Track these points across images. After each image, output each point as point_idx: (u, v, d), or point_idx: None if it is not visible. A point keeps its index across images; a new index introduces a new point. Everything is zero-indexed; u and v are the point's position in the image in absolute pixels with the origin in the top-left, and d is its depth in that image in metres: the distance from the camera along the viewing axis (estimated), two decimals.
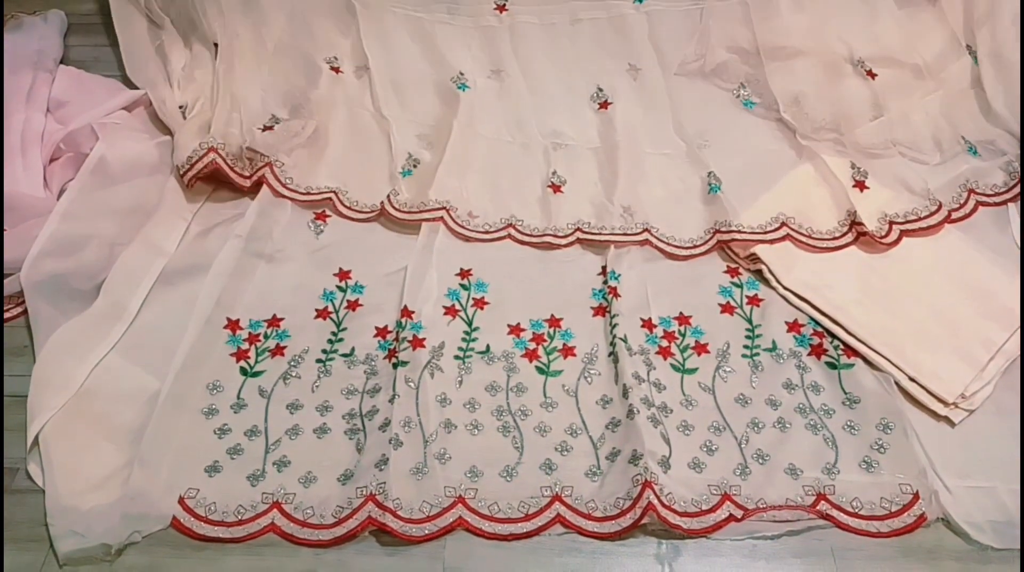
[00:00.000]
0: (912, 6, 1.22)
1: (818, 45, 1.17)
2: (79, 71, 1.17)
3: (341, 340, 0.92)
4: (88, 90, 1.13)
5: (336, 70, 1.15)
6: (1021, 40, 1.14)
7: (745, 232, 0.99)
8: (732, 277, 0.98)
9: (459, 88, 1.17)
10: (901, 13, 1.20)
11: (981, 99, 1.15)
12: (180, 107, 1.12)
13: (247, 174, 1.05)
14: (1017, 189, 1.04)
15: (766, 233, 1.00)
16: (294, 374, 0.88)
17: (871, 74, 1.16)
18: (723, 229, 1.00)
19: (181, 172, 1.02)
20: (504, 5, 1.20)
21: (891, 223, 1.00)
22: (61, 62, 1.20)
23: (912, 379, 0.86)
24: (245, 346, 0.91)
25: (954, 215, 1.01)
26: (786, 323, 0.93)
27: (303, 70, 1.16)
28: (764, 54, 1.17)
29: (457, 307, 0.95)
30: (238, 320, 0.93)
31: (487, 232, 1.03)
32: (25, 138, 1.04)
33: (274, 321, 0.93)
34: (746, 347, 0.91)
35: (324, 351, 0.90)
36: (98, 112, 1.08)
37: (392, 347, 0.90)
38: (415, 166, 1.10)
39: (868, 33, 1.19)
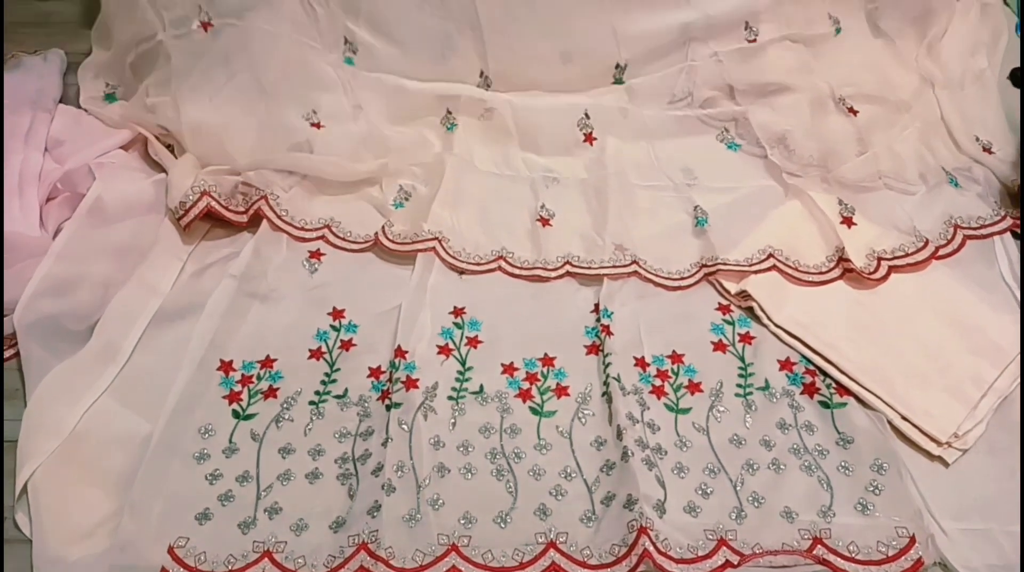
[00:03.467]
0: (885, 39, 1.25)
1: (802, 82, 1.19)
2: (78, 110, 1.18)
3: (334, 381, 0.91)
4: (86, 129, 1.13)
5: (316, 125, 1.14)
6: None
7: (731, 263, 1.00)
8: (724, 314, 0.98)
9: (448, 129, 1.19)
10: (875, 51, 1.22)
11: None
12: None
13: (242, 209, 1.06)
14: (1003, 222, 1.05)
15: (752, 265, 1.00)
16: (286, 417, 0.88)
17: (853, 111, 1.18)
18: (709, 262, 1.01)
19: (176, 216, 1.03)
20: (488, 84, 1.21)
21: (879, 259, 1.00)
22: (60, 101, 1.21)
23: (905, 418, 0.86)
24: (238, 388, 0.90)
25: (941, 251, 1.02)
26: (778, 361, 0.93)
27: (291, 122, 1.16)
28: (748, 93, 1.18)
29: (451, 346, 0.95)
30: (231, 361, 0.93)
31: (478, 263, 1.04)
32: (23, 178, 1.05)
33: (267, 362, 0.93)
34: (739, 386, 0.91)
35: (317, 393, 0.90)
36: (95, 151, 1.09)
37: (385, 388, 0.90)
38: (407, 198, 1.11)
39: (846, 72, 1.21)
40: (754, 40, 1.18)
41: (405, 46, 1.17)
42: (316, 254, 1.05)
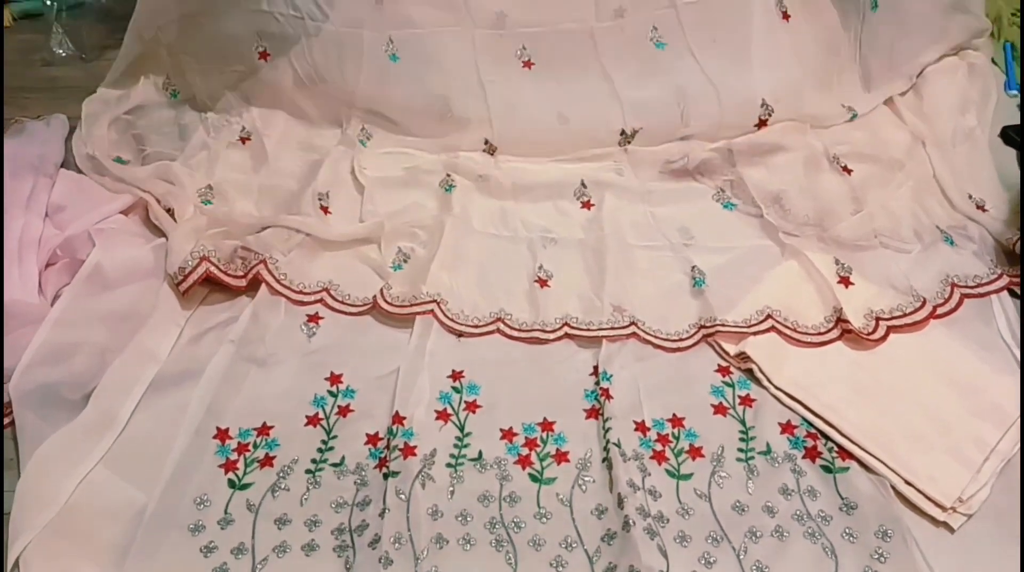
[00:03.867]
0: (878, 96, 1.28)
1: (796, 142, 1.22)
2: (79, 175, 1.19)
3: (331, 448, 0.91)
4: (87, 194, 1.15)
5: (325, 210, 1.17)
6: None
7: (729, 325, 1.00)
8: (724, 376, 0.98)
9: (446, 190, 1.20)
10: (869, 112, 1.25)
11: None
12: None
13: (241, 273, 1.06)
14: (1000, 280, 1.06)
15: (750, 326, 1.00)
16: (283, 486, 0.87)
17: (847, 170, 1.20)
18: (707, 323, 1.01)
19: (176, 281, 1.03)
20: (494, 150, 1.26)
21: (877, 319, 1.01)
22: (62, 165, 1.23)
23: (908, 482, 0.85)
24: (234, 457, 0.90)
25: (939, 310, 1.02)
26: (779, 424, 0.92)
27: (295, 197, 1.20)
28: (743, 155, 1.20)
29: (449, 411, 0.94)
30: (227, 429, 0.92)
31: (477, 326, 1.04)
32: (22, 244, 1.05)
33: (264, 429, 0.92)
34: (740, 450, 0.90)
35: (314, 461, 0.89)
36: (95, 216, 1.10)
37: (383, 455, 0.89)
38: (406, 260, 1.12)
39: (839, 130, 1.24)
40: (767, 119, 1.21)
41: (412, 122, 1.24)
42: (314, 318, 1.05)
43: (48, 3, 1.46)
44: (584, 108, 1.23)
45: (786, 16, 1.24)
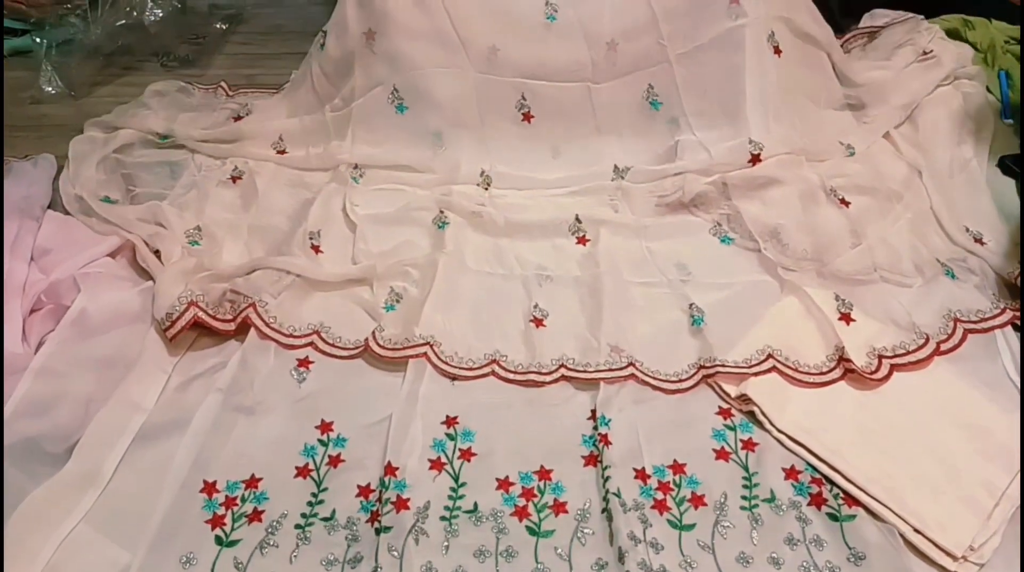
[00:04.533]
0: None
1: (792, 175, 1.20)
2: (66, 217, 1.17)
3: (322, 502, 0.88)
4: (73, 237, 1.13)
5: (316, 249, 1.16)
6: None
7: (729, 365, 0.98)
8: (725, 419, 0.96)
9: (439, 227, 1.19)
10: (864, 143, 1.25)
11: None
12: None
13: (230, 317, 1.04)
14: (1004, 315, 1.04)
15: (751, 366, 0.98)
16: (271, 543, 0.84)
17: (845, 202, 1.19)
18: (707, 364, 0.99)
19: (163, 327, 1.01)
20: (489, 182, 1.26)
21: (880, 357, 0.98)
22: (49, 206, 1.21)
23: (917, 531, 0.82)
24: (221, 511, 0.87)
25: (943, 347, 1.00)
26: (783, 470, 0.90)
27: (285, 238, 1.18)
28: (739, 186, 1.19)
29: (443, 459, 0.92)
30: (215, 482, 0.89)
31: (471, 368, 1.01)
32: (6, 290, 1.03)
33: (252, 482, 0.89)
34: (744, 498, 0.88)
35: (303, 515, 0.86)
36: (82, 260, 1.07)
37: (375, 508, 0.86)
38: (398, 301, 1.10)
39: (836, 162, 1.23)
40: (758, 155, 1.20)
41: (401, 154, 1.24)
42: (304, 362, 1.02)
43: (37, 40, 1.45)
44: (578, 152, 1.25)
45: (778, 51, 1.23)
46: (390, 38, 1.23)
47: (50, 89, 1.43)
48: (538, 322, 1.07)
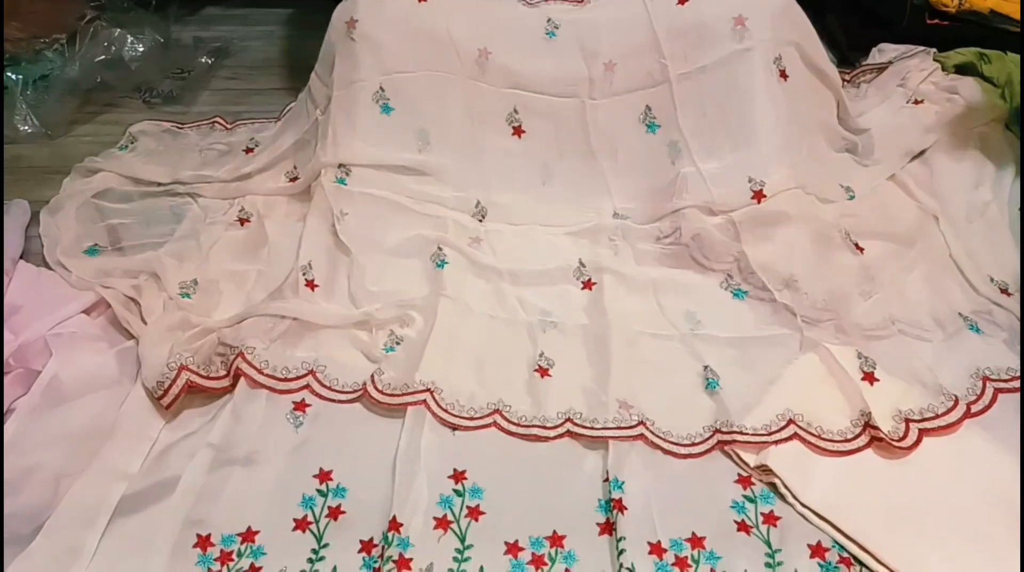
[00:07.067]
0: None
1: (802, 212, 1.14)
2: (38, 270, 1.10)
3: (322, 558, 0.82)
4: (45, 293, 1.05)
5: (310, 284, 1.10)
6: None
7: (748, 433, 0.92)
8: (744, 488, 0.90)
9: (437, 266, 1.13)
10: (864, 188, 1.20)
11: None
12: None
13: (223, 373, 0.98)
14: None
15: (771, 433, 0.92)
16: None
17: (859, 248, 1.13)
18: (724, 428, 0.93)
19: (156, 396, 0.94)
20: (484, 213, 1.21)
21: (907, 421, 0.93)
22: (21, 256, 1.14)
23: None
24: (216, 567, 0.81)
25: (973, 409, 0.95)
26: (809, 546, 0.84)
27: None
28: (743, 224, 1.12)
29: (450, 518, 0.86)
30: (209, 535, 0.83)
31: (472, 418, 0.95)
32: None
33: (249, 535, 0.84)
34: None
35: None
36: (54, 319, 1.00)
37: (377, 565, 0.81)
38: (398, 343, 1.03)
39: (842, 205, 1.18)
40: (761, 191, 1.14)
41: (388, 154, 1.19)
42: (300, 405, 0.96)
43: (12, 76, 1.38)
44: (569, 175, 1.21)
45: (784, 75, 1.18)
46: (371, 26, 1.16)
47: (25, 128, 1.36)
48: (543, 372, 1.01)
